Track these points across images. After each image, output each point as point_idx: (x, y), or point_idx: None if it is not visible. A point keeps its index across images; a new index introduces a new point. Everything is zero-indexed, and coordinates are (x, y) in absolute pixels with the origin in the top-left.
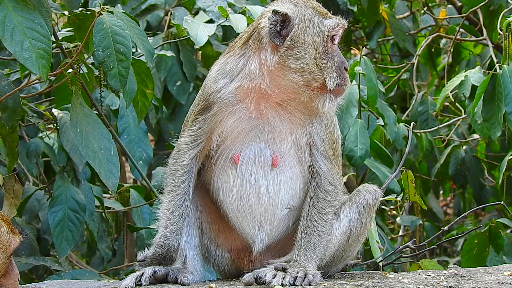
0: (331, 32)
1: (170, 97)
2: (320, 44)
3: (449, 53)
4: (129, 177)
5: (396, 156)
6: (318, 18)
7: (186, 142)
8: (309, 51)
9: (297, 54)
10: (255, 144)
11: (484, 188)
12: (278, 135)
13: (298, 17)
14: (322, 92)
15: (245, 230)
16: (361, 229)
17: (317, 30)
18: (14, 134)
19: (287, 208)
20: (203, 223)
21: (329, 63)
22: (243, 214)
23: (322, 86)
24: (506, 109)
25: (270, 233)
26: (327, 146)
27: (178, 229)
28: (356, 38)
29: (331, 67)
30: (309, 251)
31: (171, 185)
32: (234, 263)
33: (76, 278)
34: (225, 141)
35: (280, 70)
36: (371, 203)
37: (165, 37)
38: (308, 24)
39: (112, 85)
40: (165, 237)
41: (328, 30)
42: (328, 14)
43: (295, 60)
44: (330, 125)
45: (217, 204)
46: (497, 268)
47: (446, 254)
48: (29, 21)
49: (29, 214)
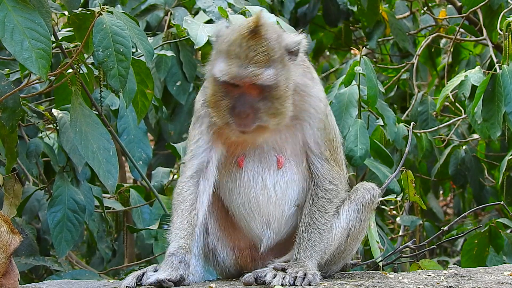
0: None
1: (170, 97)
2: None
3: (449, 53)
4: (129, 177)
5: (396, 156)
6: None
7: (189, 157)
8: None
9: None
10: (258, 148)
11: (484, 188)
12: (279, 138)
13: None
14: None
15: (252, 229)
16: (360, 227)
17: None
18: (14, 134)
19: (295, 206)
20: (208, 224)
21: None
22: (250, 213)
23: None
24: (506, 109)
25: (278, 231)
26: (322, 148)
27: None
28: (356, 38)
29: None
30: (309, 249)
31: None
32: (237, 262)
33: (76, 278)
34: (229, 148)
35: None
36: (370, 200)
37: (165, 37)
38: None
39: (112, 85)
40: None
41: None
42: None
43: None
44: (323, 127)
45: (223, 203)
46: (497, 268)
47: (446, 254)
48: (29, 21)
49: (29, 214)
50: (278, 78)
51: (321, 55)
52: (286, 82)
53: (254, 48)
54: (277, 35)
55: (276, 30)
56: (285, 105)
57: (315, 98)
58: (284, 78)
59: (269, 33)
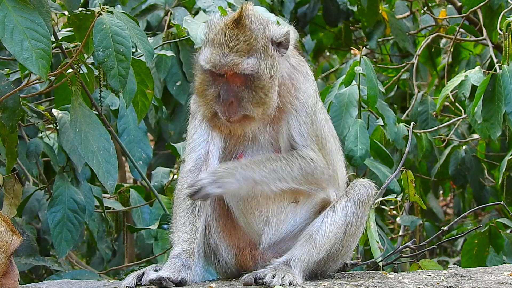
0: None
1: (170, 97)
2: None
3: (449, 53)
4: (129, 177)
5: (396, 156)
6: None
7: (188, 152)
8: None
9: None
10: (255, 143)
11: (484, 188)
12: (274, 133)
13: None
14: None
15: (251, 226)
16: (357, 223)
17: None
18: (14, 134)
19: (293, 203)
20: (210, 223)
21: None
22: (250, 210)
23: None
24: (506, 109)
25: (277, 228)
26: (308, 141)
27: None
28: (356, 38)
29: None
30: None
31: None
32: (237, 261)
33: (76, 278)
34: (227, 143)
35: None
36: (366, 197)
37: (165, 37)
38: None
39: (112, 85)
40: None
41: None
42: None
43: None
44: (310, 122)
45: (224, 201)
46: (497, 268)
47: (446, 254)
48: (29, 21)
49: (29, 214)
50: (259, 68)
51: (321, 55)
52: (270, 73)
53: (236, 37)
54: (263, 26)
55: (263, 21)
56: (269, 95)
57: (303, 92)
58: (267, 68)
59: (253, 23)
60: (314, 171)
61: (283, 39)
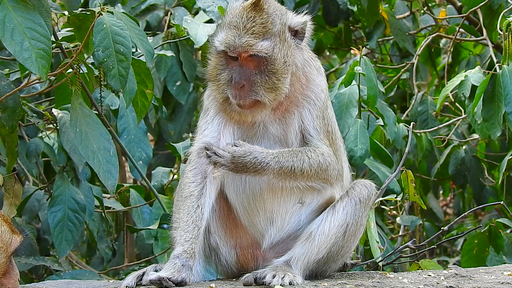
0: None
1: (170, 97)
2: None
3: (449, 53)
4: (129, 177)
5: (396, 156)
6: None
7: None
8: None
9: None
10: (264, 142)
11: (484, 188)
12: (282, 128)
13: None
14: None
15: (255, 225)
16: (357, 223)
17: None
18: (14, 134)
19: (299, 203)
20: (211, 222)
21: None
22: (254, 209)
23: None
24: (506, 109)
25: (281, 228)
26: (321, 135)
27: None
28: (356, 38)
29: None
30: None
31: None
32: (239, 261)
33: (76, 278)
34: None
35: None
36: (367, 197)
37: (165, 37)
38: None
39: (112, 85)
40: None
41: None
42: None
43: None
44: (322, 117)
45: (226, 200)
46: (497, 268)
47: (446, 254)
48: (29, 21)
49: (29, 214)
50: (274, 51)
51: (321, 55)
52: (284, 59)
53: (253, 19)
54: (281, 13)
55: (281, 8)
56: (281, 81)
57: (316, 85)
58: (282, 53)
59: (271, 7)
60: (329, 167)
61: (300, 28)
